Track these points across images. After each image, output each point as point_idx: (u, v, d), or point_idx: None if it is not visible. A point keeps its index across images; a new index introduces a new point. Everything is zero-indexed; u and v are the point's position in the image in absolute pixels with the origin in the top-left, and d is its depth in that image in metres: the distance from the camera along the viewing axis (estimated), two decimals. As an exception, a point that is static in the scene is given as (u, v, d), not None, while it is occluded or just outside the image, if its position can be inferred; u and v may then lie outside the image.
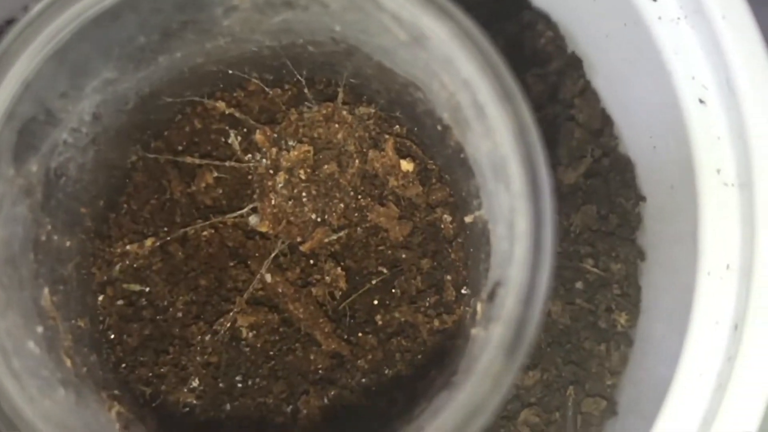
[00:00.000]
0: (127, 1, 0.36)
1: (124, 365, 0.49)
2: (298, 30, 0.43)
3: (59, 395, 0.39)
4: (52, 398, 0.37)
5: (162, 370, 0.49)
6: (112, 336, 0.49)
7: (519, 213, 0.34)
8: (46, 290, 0.42)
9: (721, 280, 0.41)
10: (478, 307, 0.43)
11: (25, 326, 0.39)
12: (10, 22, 0.51)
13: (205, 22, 0.41)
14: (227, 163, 0.50)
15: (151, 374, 0.49)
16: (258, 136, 0.49)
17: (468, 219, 0.45)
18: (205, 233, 0.50)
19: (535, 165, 0.34)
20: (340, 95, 0.48)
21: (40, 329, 0.40)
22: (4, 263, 0.38)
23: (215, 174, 0.50)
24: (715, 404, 0.39)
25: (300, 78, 0.48)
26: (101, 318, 0.49)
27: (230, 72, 0.47)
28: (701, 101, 0.43)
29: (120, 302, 0.49)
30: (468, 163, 0.42)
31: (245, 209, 0.50)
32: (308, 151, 0.48)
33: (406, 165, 0.49)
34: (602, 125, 0.52)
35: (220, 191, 0.51)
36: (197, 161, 0.50)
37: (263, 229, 0.50)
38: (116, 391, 0.45)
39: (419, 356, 0.49)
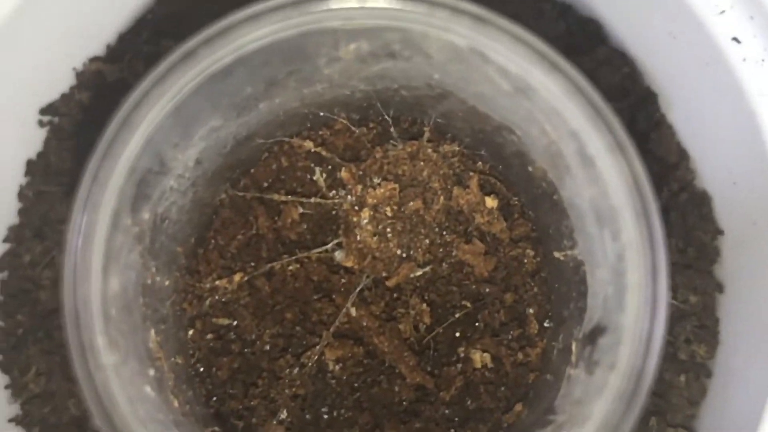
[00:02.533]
0: (241, 58, 0.37)
1: (214, 398, 0.50)
2: (395, 76, 0.44)
3: (174, 437, 0.40)
4: (169, 441, 0.39)
5: (252, 402, 0.50)
6: (202, 369, 0.50)
7: (631, 263, 0.35)
8: (152, 332, 0.43)
9: (813, 319, 0.42)
10: (573, 347, 0.44)
11: (140, 371, 0.40)
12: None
13: (308, 72, 0.42)
14: (312, 200, 0.51)
15: (241, 407, 0.50)
16: (343, 173, 0.50)
17: (558, 255, 0.46)
18: (291, 268, 0.51)
19: (650, 218, 0.35)
20: (426, 134, 0.49)
21: (151, 372, 0.41)
22: (122, 311, 0.39)
23: (300, 210, 0.51)
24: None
25: (386, 117, 0.49)
26: (191, 352, 0.50)
27: (321, 114, 0.48)
28: (788, 142, 0.44)
29: (209, 336, 0.51)
30: (561, 205, 0.43)
31: (330, 244, 0.51)
32: (394, 189, 0.49)
33: (491, 202, 0.50)
34: (678, 159, 0.53)
35: (305, 227, 0.52)
36: (283, 198, 0.51)
37: (348, 264, 0.51)
38: (216, 427, 0.46)
39: (503, 388, 0.50)
